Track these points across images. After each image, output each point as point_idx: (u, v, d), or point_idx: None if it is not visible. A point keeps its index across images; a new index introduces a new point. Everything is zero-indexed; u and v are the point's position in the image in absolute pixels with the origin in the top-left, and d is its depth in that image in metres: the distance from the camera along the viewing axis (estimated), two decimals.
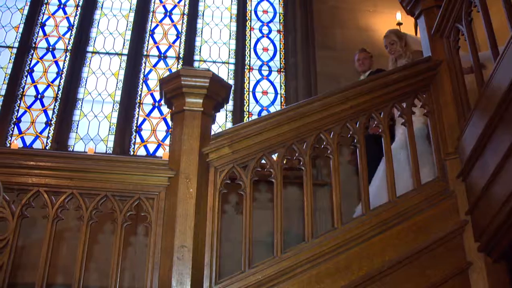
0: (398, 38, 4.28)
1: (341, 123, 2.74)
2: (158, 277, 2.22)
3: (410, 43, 4.29)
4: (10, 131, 5.77)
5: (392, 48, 4.30)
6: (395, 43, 4.27)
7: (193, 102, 2.46)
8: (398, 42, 4.25)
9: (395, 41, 4.27)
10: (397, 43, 4.26)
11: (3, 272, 2.22)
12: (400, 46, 4.25)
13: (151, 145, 5.86)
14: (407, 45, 4.27)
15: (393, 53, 4.29)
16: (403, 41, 4.27)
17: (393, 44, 4.28)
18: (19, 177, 2.41)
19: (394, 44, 4.27)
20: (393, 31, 4.42)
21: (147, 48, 6.47)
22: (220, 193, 2.41)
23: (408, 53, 4.21)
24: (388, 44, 4.32)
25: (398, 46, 4.25)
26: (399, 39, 4.28)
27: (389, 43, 4.31)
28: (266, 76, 6.41)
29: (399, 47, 4.25)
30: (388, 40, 4.33)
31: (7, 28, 6.42)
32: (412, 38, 4.35)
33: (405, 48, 4.25)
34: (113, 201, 2.36)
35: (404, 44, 4.26)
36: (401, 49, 4.24)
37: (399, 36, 4.31)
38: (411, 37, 4.39)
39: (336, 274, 2.39)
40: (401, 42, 4.26)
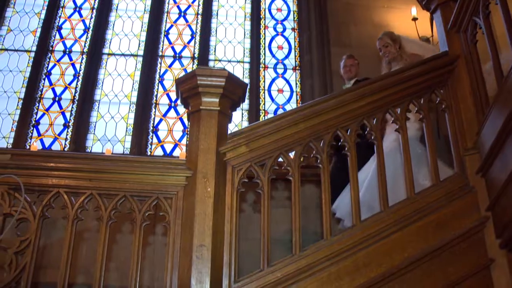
0: (392, 41, 4.17)
1: (358, 120, 2.72)
2: (177, 276, 2.23)
3: (405, 46, 4.18)
4: (30, 134, 5.86)
5: (386, 51, 4.19)
6: (389, 45, 4.16)
7: (209, 101, 2.46)
8: (392, 45, 4.15)
9: (389, 44, 4.16)
10: (391, 45, 4.15)
11: (26, 271, 2.25)
12: (394, 48, 4.14)
13: (168, 145, 5.89)
14: (402, 48, 4.16)
15: (387, 55, 4.17)
16: (397, 44, 4.16)
17: (387, 46, 4.17)
18: (39, 178, 2.44)
19: (389, 46, 4.16)
20: (387, 33, 4.29)
21: (162, 48, 6.50)
22: (238, 192, 2.41)
23: (405, 57, 4.08)
24: (382, 47, 4.21)
25: (392, 49, 4.14)
26: (393, 41, 4.17)
27: (383, 45, 4.20)
28: (281, 74, 6.40)
29: (394, 50, 4.14)
30: (382, 42, 4.22)
31: (25, 33, 6.51)
32: (408, 41, 4.27)
33: (400, 51, 4.14)
34: (132, 201, 2.37)
35: (398, 47, 4.15)
36: (395, 52, 4.13)
37: (393, 39, 4.19)
38: (407, 40, 4.29)
39: (355, 272, 2.38)
40: (395, 45, 4.15)
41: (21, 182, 2.36)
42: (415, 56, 4.02)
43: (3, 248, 2.30)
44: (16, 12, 6.65)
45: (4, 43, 6.43)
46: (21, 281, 2.25)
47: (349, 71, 4.68)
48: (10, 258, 2.26)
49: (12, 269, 2.25)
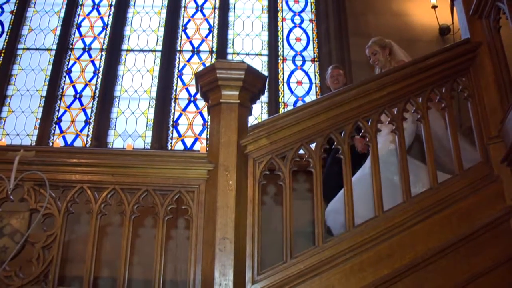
0: (380, 48, 4.07)
1: (379, 110, 2.69)
2: (201, 269, 2.24)
3: (395, 52, 4.09)
4: (52, 131, 5.95)
5: (374, 59, 4.10)
6: (378, 53, 4.06)
7: (229, 94, 2.46)
8: (381, 52, 4.05)
9: (377, 51, 4.06)
10: (379, 53, 4.05)
11: (53, 265, 2.30)
12: (383, 56, 4.04)
13: (188, 139, 5.92)
14: (392, 54, 4.07)
15: (376, 63, 4.09)
16: (386, 50, 4.06)
17: (375, 54, 4.08)
18: (63, 174, 2.48)
19: (377, 54, 4.07)
20: (375, 41, 4.16)
21: (180, 43, 6.52)
22: (259, 185, 2.40)
23: (393, 63, 3.97)
24: (371, 55, 4.13)
25: (380, 56, 4.04)
26: (382, 48, 4.06)
27: (372, 53, 4.11)
28: (300, 66, 6.37)
29: (381, 57, 4.04)
30: (370, 50, 4.13)
31: (45, 31, 6.60)
32: (397, 48, 4.15)
33: (389, 57, 4.04)
34: (154, 195, 2.39)
35: (388, 53, 4.05)
36: (383, 59, 4.04)
37: (382, 46, 4.08)
38: (397, 47, 4.16)
39: (378, 263, 2.36)
40: (384, 52, 4.05)
41: (45, 178, 2.40)
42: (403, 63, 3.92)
43: (31, 243, 2.35)
44: (36, 11, 6.74)
45: (26, 42, 6.53)
46: (49, 274, 2.29)
47: (337, 81, 4.61)
48: (37, 253, 2.31)
49: (40, 263, 2.30)
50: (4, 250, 2.31)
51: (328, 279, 2.31)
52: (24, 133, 5.97)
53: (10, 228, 2.35)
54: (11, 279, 2.28)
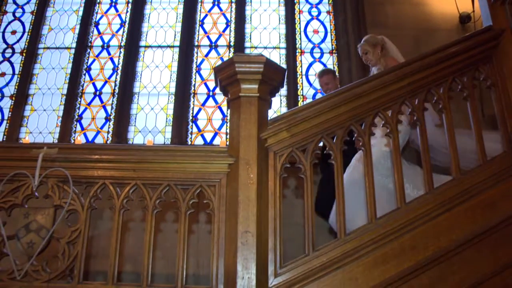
0: (371, 47, 3.99)
1: (399, 101, 2.66)
2: (223, 263, 2.25)
3: (388, 49, 4.00)
4: (74, 128, 6.03)
5: (365, 58, 4.05)
6: (368, 52, 3.99)
7: (248, 88, 2.46)
8: (371, 51, 3.97)
9: (368, 50, 3.99)
10: (370, 52, 3.98)
11: (78, 260, 2.33)
12: (373, 54, 3.97)
13: (208, 134, 5.94)
14: (384, 50, 3.98)
15: (368, 62, 4.04)
16: (378, 48, 3.97)
17: (366, 53, 4.02)
18: (85, 170, 2.50)
19: (368, 53, 4.00)
20: (366, 39, 4.09)
21: (198, 38, 6.54)
22: (280, 178, 2.40)
23: (382, 60, 3.91)
24: (363, 54, 4.07)
25: (370, 55, 3.97)
26: (373, 47, 3.98)
27: (363, 53, 4.05)
28: (318, 59, 6.33)
29: (372, 56, 3.97)
30: (361, 50, 4.07)
31: (65, 30, 6.68)
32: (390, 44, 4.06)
33: (381, 54, 3.96)
34: (176, 190, 2.40)
35: (380, 50, 3.97)
36: (374, 58, 3.97)
37: (373, 44, 4.00)
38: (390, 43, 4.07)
39: (401, 255, 2.34)
40: (375, 50, 3.97)
41: (69, 174, 2.43)
42: (392, 60, 3.85)
43: (56, 238, 2.39)
44: (55, 11, 6.82)
45: (46, 41, 6.62)
46: (74, 269, 2.33)
47: (328, 89, 4.53)
48: (63, 248, 2.35)
49: (65, 258, 2.33)
50: (31, 246, 2.35)
51: (351, 271, 2.30)
52: (46, 131, 6.06)
53: (36, 224, 2.39)
54: (39, 273, 2.32)
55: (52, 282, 2.31)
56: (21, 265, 2.33)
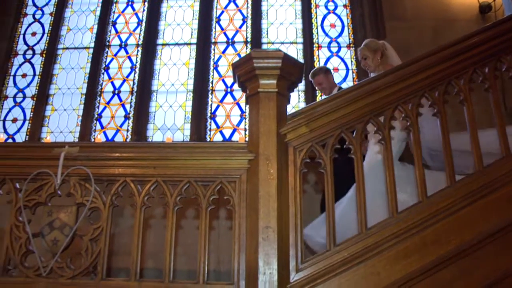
0: (370, 52, 3.89)
1: (419, 93, 2.62)
2: (244, 259, 2.25)
3: (388, 56, 3.90)
4: (94, 127, 6.11)
5: (364, 63, 3.96)
6: (368, 57, 3.90)
7: (267, 83, 2.45)
8: (371, 57, 3.88)
9: (367, 56, 3.90)
10: (369, 58, 3.89)
11: (101, 257, 2.36)
12: (373, 60, 3.87)
13: (227, 130, 5.96)
14: (384, 57, 3.88)
15: (367, 68, 3.95)
16: (378, 54, 3.88)
17: (365, 59, 3.93)
18: (106, 168, 2.53)
19: (367, 59, 3.91)
20: (366, 44, 4.00)
21: (214, 35, 6.55)
22: (300, 173, 2.38)
23: (380, 68, 3.80)
24: (362, 59, 3.98)
25: (370, 61, 3.89)
26: (373, 52, 3.89)
27: (362, 58, 3.96)
28: (336, 53, 6.30)
29: (371, 62, 3.88)
30: (360, 55, 3.98)
31: (83, 30, 6.76)
32: (391, 50, 3.96)
33: (380, 61, 3.87)
34: (196, 186, 2.41)
35: (380, 57, 3.87)
36: (373, 65, 3.87)
37: (373, 50, 3.90)
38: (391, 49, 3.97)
39: (423, 249, 2.31)
40: (374, 56, 3.87)
41: (90, 172, 2.46)
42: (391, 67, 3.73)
43: (79, 235, 2.42)
44: (73, 11, 6.91)
45: (65, 42, 6.70)
46: (97, 266, 2.36)
47: (323, 89, 4.52)
48: (86, 245, 2.37)
49: (88, 255, 2.36)
50: (55, 243, 2.39)
51: (372, 266, 2.28)
52: (67, 130, 6.15)
53: (59, 222, 2.43)
54: (63, 270, 2.35)
55: (76, 278, 2.35)
56: (46, 262, 2.37)
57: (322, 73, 4.63)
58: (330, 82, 4.52)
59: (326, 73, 4.66)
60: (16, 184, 2.56)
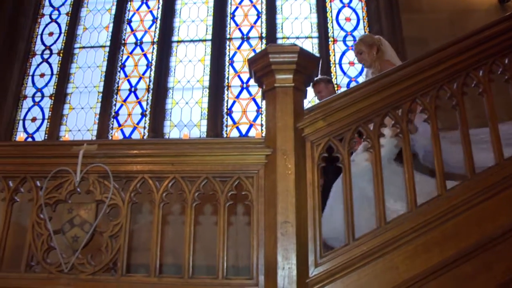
0: (366, 47, 3.80)
1: (437, 86, 2.59)
2: (263, 254, 2.25)
3: (384, 51, 3.81)
4: (111, 125, 6.16)
5: (360, 58, 3.89)
6: (363, 52, 3.82)
7: (283, 78, 2.44)
8: (366, 52, 3.79)
9: (363, 51, 3.81)
10: (364, 52, 3.80)
11: (121, 253, 2.38)
12: (369, 55, 3.78)
13: (243, 126, 5.97)
14: (380, 52, 3.79)
15: (363, 63, 3.88)
16: (373, 49, 3.79)
17: (361, 53, 3.84)
18: (125, 165, 2.54)
19: (362, 53, 3.82)
20: (362, 39, 3.92)
21: (229, 31, 6.56)
22: (318, 167, 2.37)
23: (377, 64, 3.71)
24: (357, 54, 3.90)
25: (366, 56, 3.80)
26: (368, 47, 3.80)
27: (358, 52, 3.88)
28: (351, 47, 6.25)
29: (367, 57, 3.79)
30: (355, 49, 3.90)
31: (99, 29, 6.82)
32: (388, 46, 3.89)
33: (376, 56, 3.77)
34: (214, 182, 2.41)
35: (376, 52, 3.78)
36: (369, 59, 3.78)
37: (369, 44, 3.81)
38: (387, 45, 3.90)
39: (443, 243, 2.28)
40: (370, 51, 3.79)
41: (109, 170, 2.48)
42: (388, 63, 3.62)
43: (99, 232, 2.44)
44: (89, 10, 6.97)
45: (81, 41, 6.76)
46: (117, 262, 2.38)
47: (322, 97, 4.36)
48: (106, 242, 2.40)
49: (108, 251, 2.38)
50: (76, 240, 2.42)
51: (391, 260, 2.26)
52: (84, 128, 6.21)
53: (79, 219, 2.46)
54: (84, 266, 2.38)
55: (97, 274, 2.37)
56: (67, 258, 2.40)
57: (323, 82, 4.56)
58: (329, 92, 4.44)
59: (327, 83, 4.60)
60: (37, 182, 2.59)
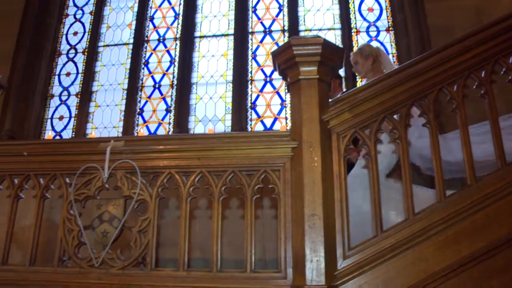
0: (361, 58, 3.73)
1: (464, 74, 2.54)
2: (291, 247, 2.25)
3: (382, 62, 3.73)
4: (136, 121, 6.22)
5: (355, 69, 3.85)
6: (358, 63, 3.76)
7: (307, 70, 2.42)
8: (361, 62, 3.74)
9: (358, 61, 3.76)
10: (359, 64, 3.75)
11: (150, 248, 2.41)
12: (363, 66, 3.72)
13: (267, 120, 5.96)
14: (376, 63, 3.71)
15: (357, 73, 3.84)
16: (369, 60, 3.71)
17: (356, 64, 3.79)
18: (151, 161, 2.57)
19: (358, 64, 3.77)
20: (360, 48, 3.85)
21: (251, 25, 6.54)
22: (345, 159, 2.36)
23: (370, 75, 3.64)
24: (353, 64, 3.84)
25: (360, 67, 3.75)
26: (364, 58, 3.72)
27: (354, 63, 3.82)
28: (375, 37, 6.18)
29: (361, 68, 3.74)
30: (352, 60, 3.83)
31: (122, 27, 6.88)
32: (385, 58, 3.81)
33: (371, 67, 3.70)
34: (241, 176, 2.42)
35: (371, 63, 3.71)
36: (363, 70, 3.73)
37: (364, 55, 3.73)
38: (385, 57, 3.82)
39: (474, 234, 2.24)
40: (365, 62, 3.72)
41: (136, 165, 2.52)
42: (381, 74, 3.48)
43: (128, 227, 2.48)
44: (112, 9, 7.04)
45: (105, 39, 6.84)
46: (146, 257, 2.41)
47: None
48: (134, 237, 2.43)
49: (137, 246, 2.42)
50: (105, 235, 2.46)
51: (420, 252, 2.23)
52: (110, 125, 6.29)
53: (108, 215, 2.49)
54: (114, 261, 2.42)
55: (126, 269, 2.41)
56: (97, 253, 2.45)
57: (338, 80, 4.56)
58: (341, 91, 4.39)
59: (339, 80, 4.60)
60: (66, 179, 2.64)
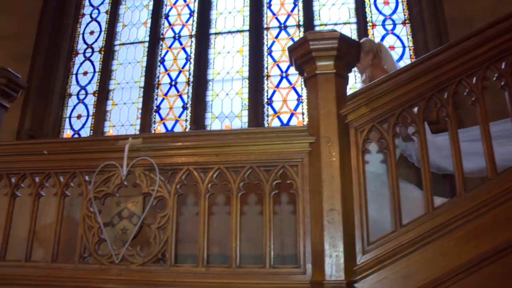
0: (362, 53, 3.51)
1: (484, 66, 2.50)
2: (310, 242, 2.25)
3: (383, 57, 3.65)
4: (153, 119, 6.26)
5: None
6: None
7: (324, 65, 2.41)
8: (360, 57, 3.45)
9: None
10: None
11: (169, 244, 2.43)
12: (362, 62, 3.59)
13: (284, 116, 5.94)
14: (376, 59, 3.63)
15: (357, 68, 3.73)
16: (369, 56, 3.63)
17: None
18: (169, 158, 2.59)
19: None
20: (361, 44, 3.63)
21: (266, 21, 6.51)
22: (363, 154, 2.34)
23: (369, 70, 3.56)
24: None
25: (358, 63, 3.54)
26: (364, 53, 3.58)
27: None
28: (391, 31, 6.11)
29: (360, 64, 3.60)
30: None
31: (137, 25, 6.91)
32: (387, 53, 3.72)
33: (371, 63, 3.61)
34: (259, 172, 2.42)
35: (371, 58, 3.63)
36: (361, 66, 3.63)
37: (365, 51, 3.62)
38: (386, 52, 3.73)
39: (495, 229, 2.20)
40: (365, 57, 3.60)
41: (154, 163, 2.53)
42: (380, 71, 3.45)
43: (147, 224, 2.50)
44: (127, 7, 7.07)
45: (121, 38, 6.88)
46: (166, 253, 2.43)
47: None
48: (154, 233, 2.45)
49: (157, 243, 2.44)
50: (125, 232, 2.48)
51: (441, 246, 2.21)
52: (128, 123, 6.33)
53: (127, 212, 2.52)
54: (134, 257, 2.45)
55: (146, 265, 2.43)
56: (117, 250, 2.47)
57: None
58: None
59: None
60: (85, 177, 2.67)
